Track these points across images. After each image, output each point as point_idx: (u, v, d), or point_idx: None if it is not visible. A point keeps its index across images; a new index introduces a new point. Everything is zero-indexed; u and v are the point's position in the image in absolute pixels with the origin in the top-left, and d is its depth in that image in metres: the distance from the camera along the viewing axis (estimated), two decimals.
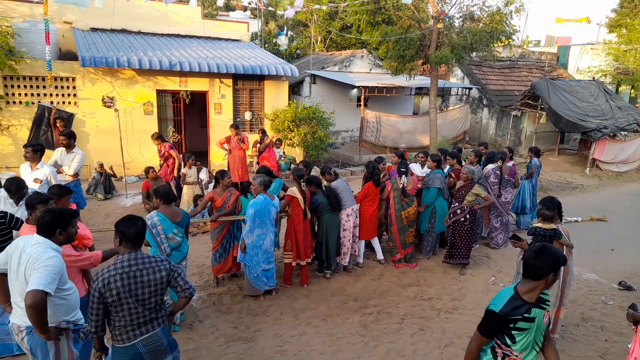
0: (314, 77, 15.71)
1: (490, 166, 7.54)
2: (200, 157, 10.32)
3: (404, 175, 6.45)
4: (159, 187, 4.63)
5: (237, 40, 14.28)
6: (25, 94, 9.95)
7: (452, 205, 6.49)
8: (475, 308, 5.49)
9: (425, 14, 13.06)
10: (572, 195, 11.66)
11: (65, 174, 6.46)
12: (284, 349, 4.58)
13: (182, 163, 8.48)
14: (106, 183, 9.56)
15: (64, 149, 6.59)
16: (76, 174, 6.58)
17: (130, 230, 2.87)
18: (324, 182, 6.25)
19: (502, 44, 13.50)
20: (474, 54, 14.33)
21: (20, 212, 4.44)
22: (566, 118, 14.06)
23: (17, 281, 2.93)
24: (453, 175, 7.02)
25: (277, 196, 5.83)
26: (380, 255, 6.76)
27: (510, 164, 8.02)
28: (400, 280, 6.21)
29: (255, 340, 4.72)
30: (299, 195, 5.68)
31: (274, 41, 22.76)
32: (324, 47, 22.39)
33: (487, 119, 17.86)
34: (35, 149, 5.70)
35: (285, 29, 24.86)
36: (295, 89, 15.75)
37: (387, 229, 6.66)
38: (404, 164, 6.62)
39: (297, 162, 12.48)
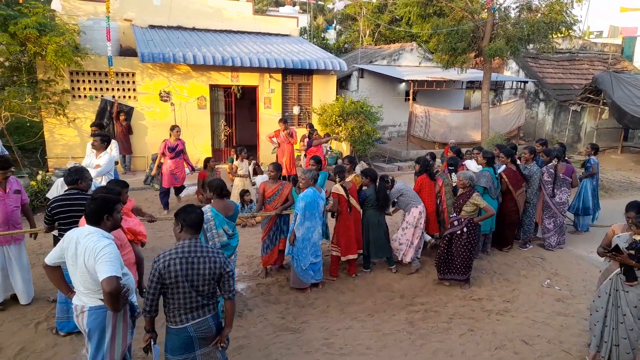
0: (361, 71, 15.62)
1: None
2: (250, 150, 10.58)
3: (453, 172, 6.32)
4: (212, 181, 4.73)
5: (287, 35, 14.43)
6: (89, 89, 10.57)
7: (450, 216, 5.91)
8: (528, 311, 5.30)
9: (478, 5, 12.62)
10: (637, 196, 10.94)
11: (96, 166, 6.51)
12: (330, 341, 4.63)
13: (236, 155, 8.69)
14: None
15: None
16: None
17: (191, 217, 3.06)
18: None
19: (562, 35, 12.81)
20: (531, 45, 13.70)
21: None
22: (631, 114, 13.19)
23: (77, 270, 3.10)
24: (504, 175, 6.76)
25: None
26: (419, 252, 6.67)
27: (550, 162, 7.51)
28: None
29: (302, 331, 4.80)
30: (343, 192, 5.74)
31: (322, 35, 22.81)
32: (372, 40, 22.17)
33: (544, 114, 17.05)
34: (103, 139, 6.15)
35: (335, 22, 24.82)
36: (342, 83, 15.73)
37: (442, 226, 6.52)
38: (452, 160, 6.47)
39: (343, 156, 12.49)
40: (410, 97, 14.24)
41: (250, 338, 4.63)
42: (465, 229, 5.56)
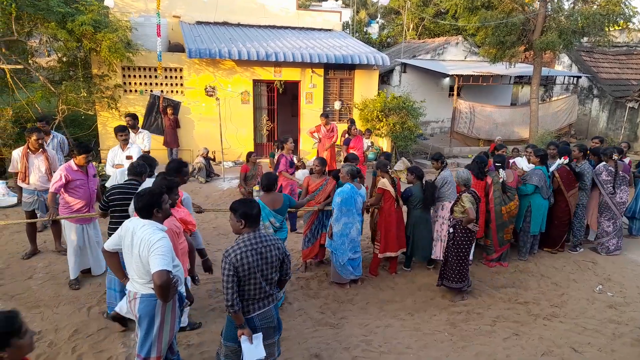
0: (404, 66, 15.38)
1: (602, 162, 6.85)
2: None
3: (501, 169, 6.13)
4: (264, 175, 4.86)
5: (330, 29, 14.40)
6: (140, 83, 10.98)
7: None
8: (578, 317, 5.07)
9: None
10: None
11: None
12: (369, 338, 4.61)
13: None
14: (208, 167, 10.27)
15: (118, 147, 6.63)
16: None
17: (253, 212, 3.14)
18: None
19: (619, 27, 12.09)
20: (585, 39, 13.03)
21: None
22: None
23: (132, 259, 3.24)
24: (557, 174, 6.49)
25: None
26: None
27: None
28: (493, 281, 5.92)
29: (341, 327, 4.81)
30: (390, 188, 5.63)
31: (364, 30, 22.63)
32: (416, 34, 21.78)
33: (597, 111, 16.18)
34: (122, 136, 6.26)
35: (379, 16, 24.55)
36: (384, 78, 15.55)
37: (486, 225, 6.34)
38: (498, 157, 6.28)
39: (383, 152, 12.37)
40: (455, 92, 13.89)
41: (290, 331, 4.68)
42: (451, 230, 5.29)
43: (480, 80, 13.56)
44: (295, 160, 8.93)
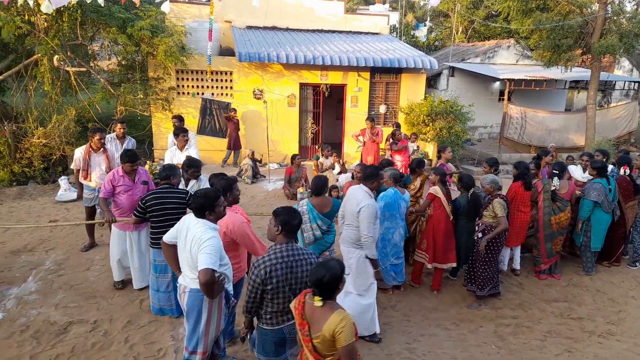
0: (452, 70, 15.06)
1: None
2: (334, 148, 10.73)
3: (556, 177, 5.87)
4: (315, 178, 4.89)
5: (377, 33, 14.35)
6: (192, 86, 11.39)
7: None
8: (637, 336, 4.78)
9: None
10: None
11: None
12: (413, 347, 4.55)
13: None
14: (254, 168, 10.50)
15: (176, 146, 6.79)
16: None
17: (294, 222, 3.10)
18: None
19: None
20: None
21: (195, 189, 5.09)
22: None
23: (184, 253, 3.39)
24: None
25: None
26: (517, 263, 6.28)
27: None
28: (543, 294, 5.68)
29: (384, 333, 4.75)
30: (441, 195, 5.46)
31: (412, 33, 22.36)
32: (465, 37, 21.27)
33: None
34: (185, 137, 6.50)
35: (428, 19, 24.21)
36: (431, 82, 15.30)
37: (533, 235, 6.11)
38: (558, 165, 6.01)
39: (429, 157, 12.18)
40: (505, 97, 13.46)
41: None
42: (480, 235, 5.24)
43: (533, 84, 13.07)
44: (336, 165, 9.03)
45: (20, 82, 10.11)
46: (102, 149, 6.11)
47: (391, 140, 9.86)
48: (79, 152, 6.09)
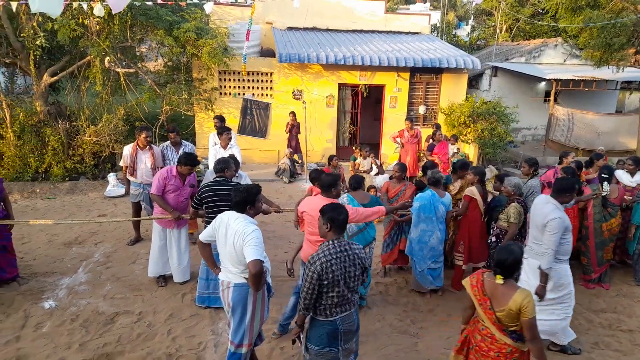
0: (495, 69, 14.65)
1: None
2: (372, 149, 10.66)
3: (606, 182, 5.61)
4: (352, 177, 4.98)
5: (417, 33, 14.17)
6: (233, 87, 11.64)
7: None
8: None
9: None
10: None
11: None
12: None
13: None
14: (292, 168, 10.61)
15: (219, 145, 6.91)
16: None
17: (340, 217, 3.16)
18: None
19: None
20: None
21: None
22: None
23: (225, 249, 3.47)
24: None
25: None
26: None
27: None
28: (591, 304, 5.44)
29: (421, 337, 4.72)
30: (478, 197, 5.38)
31: (453, 32, 21.94)
32: (509, 36, 20.64)
33: None
34: (229, 135, 6.67)
35: (472, 18, 23.66)
36: (473, 82, 14.94)
37: (583, 242, 5.87)
38: (607, 169, 5.75)
39: (469, 159, 11.90)
40: (552, 98, 12.96)
41: (367, 336, 4.69)
42: (494, 239, 5.14)
43: (581, 85, 12.52)
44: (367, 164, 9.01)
45: (74, 83, 10.67)
46: (147, 146, 6.35)
47: (430, 141, 9.71)
48: (127, 150, 6.36)
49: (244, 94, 11.57)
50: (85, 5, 8.00)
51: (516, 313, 2.89)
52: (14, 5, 8.05)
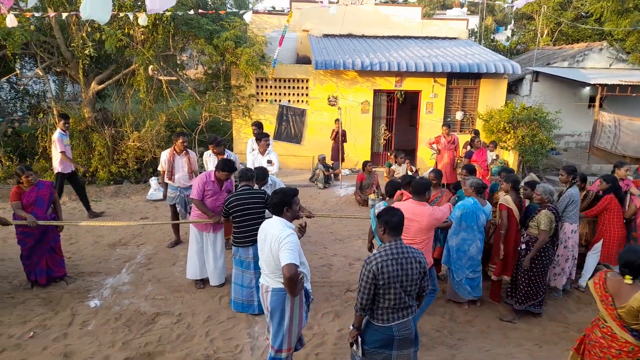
0: (536, 74, 14.23)
1: None
2: (407, 155, 10.57)
3: None
4: (388, 182, 4.99)
5: (455, 38, 13.97)
6: (270, 93, 11.82)
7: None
8: None
9: None
10: None
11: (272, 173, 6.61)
12: None
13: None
14: (325, 174, 10.64)
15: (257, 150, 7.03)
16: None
17: (393, 219, 3.18)
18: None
19: None
20: None
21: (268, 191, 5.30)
22: None
23: (263, 254, 3.53)
24: None
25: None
26: (583, 280, 5.82)
27: None
28: None
29: (459, 348, 4.62)
30: (513, 206, 5.22)
31: (491, 37, 21.49)
32: (551, 40, 20.01)
33: None
34: (267, 141, 6.79)
35: (512, 22, 23.14)
36: (512, 87, 14.55)
37: None
38: None
39: (509, 166, 11.58)
40: (597, 104, 12.46)
41: None
42: (524, 246, 5.03)
43: (629, 90, 11.99)
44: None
45: (119, 90, 11.14)
46: (184, 151, 6.52)
47: (468, 147, 9.53)
48: (165, 155, 6.55)
49: (280, 101, 11.74)
50: (131, 16, 8.36)
51: (637, 311, 2.99)
52: (64, 15, 8.49)
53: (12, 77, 10.61)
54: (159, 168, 6.78)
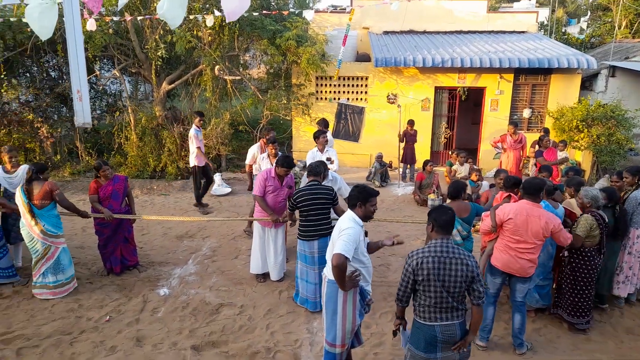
0: (612, 69, 13.21)
1: None
2: (469, 154, 10.21)
3: None
4: (451, 183, 4.84)
5: (523, 32, 13.31)
6: (330, 92, 11.90)
7: None
8: None
9: None
10: None
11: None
12: None
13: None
14: (383, 172, 10.56)
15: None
16: None
17: (442, 218, 3.13)
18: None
19: None
20: None
21: None
22: None
23: (331, 245, 3.57)
24: None
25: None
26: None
27: None
28: None
29: (527, 357, 4.41)
30: (577, 210, 4.93)
31: (563, 30, 20.21)
32: (630, 32, 18.49)
33: None
34: (325, 137, 6.79)
35: (588, 14, 21.65)
36: (585, 83, 13.60)
37: None
38: None
39: (581, 167, 10.86)
40: None
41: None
42: (567, 253, 4.74)
43: None
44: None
45: (188, 90, 11.68)
46: (274, 154, 6.68)
47: (537, 147, 9.05)
48: (255, 148, 7.07)
49: (339, 99, 11.77)
50: (200, 18, 8.73)
51: None
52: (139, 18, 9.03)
53: (92, 77, 11.42)
54: (247, 162, 7.26)
